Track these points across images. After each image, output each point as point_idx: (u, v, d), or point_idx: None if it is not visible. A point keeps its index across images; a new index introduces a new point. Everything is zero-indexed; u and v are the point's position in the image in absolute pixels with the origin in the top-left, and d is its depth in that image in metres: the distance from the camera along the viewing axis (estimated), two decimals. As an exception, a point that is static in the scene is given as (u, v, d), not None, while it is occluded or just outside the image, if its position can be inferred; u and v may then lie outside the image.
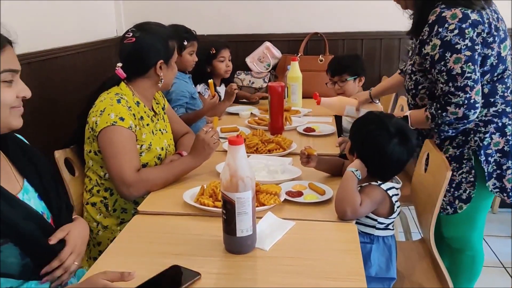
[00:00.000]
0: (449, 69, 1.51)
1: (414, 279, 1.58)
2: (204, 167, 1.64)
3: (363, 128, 1.46)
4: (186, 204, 1.39)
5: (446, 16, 1.51)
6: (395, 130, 1.38)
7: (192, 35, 2.43)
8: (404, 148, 1.39)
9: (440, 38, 1.51)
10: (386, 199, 1.41)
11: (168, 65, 1.71)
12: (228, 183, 1.08)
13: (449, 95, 1.53)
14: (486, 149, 1.60)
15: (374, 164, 1.40)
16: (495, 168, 1.62)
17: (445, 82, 1.53)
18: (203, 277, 1.03)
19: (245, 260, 1.11)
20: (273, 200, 1.37)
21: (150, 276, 1.03)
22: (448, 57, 1.51)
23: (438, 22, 1.52)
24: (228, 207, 1.09)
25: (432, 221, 1.44)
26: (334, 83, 2.50)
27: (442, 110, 1.56)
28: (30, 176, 1.12)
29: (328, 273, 1.05)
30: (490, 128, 1.60)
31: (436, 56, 1.53)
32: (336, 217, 1.32)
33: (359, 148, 1.45)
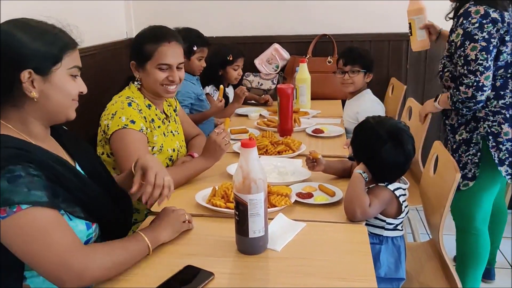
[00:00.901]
0: (466, 54, 1.78)
1: (422, 279, 1.60)
2: (216, 169, 1.67)
3: (358, 135, 1.51)
4: (198, 205, 1.41)
5: (471, 11, 1.78)
6: (387, 136, 1.41)
7: (203, 41, 2.46)
8: (400, 152, 1.41)
9: (463, 28, 1.79)
10: (393, 199, 1.43)
11: (143, 68, 1.69)
12: (240, 185, 1.11)
13: (462, 76, 1.80)
14: (497, 137, 1.85)
15: (373, 169, 1.42)
16: (507, 156, 1.84)
17: (461, 66, 1.80)
18: (216, 277, 1.05)
19: (257, 261, 1.13)
20: (284, 201, 1.39)
21: (165, 275, 1.06)
22: (467, 45, 1.77)
23: (463, 15, 1.80)
24: (241, 208, 1.12)
25: (441, 222, 1.45)
26: (343, 72, 2.44)
27: (456, 89, 1.82)
28: (82, 161, 1.22)
29: (339, 273, 1.07)
30: (498, 117, 1.85)
31: (458, 43, 1.80)
32: (346, 218, 1.34)
33: (357, 154, 1.50)
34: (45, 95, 1.06)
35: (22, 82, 1.02)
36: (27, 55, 1.02)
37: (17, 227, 0.95)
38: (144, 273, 1.08)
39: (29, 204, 0.95)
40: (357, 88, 2.42)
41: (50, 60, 1.05)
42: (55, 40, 1.07)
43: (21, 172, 0.96)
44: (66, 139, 1.21)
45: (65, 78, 1.08)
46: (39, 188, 0.97)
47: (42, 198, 0.97)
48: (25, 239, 0.96)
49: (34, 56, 1.03)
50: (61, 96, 1.08)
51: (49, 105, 1.07)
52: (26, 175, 0.96)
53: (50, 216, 0.98)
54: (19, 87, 1.03)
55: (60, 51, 1.06)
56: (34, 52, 1.03)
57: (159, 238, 1.19)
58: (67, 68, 1.08)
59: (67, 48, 1.08)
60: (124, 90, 1.73)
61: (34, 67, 1.03)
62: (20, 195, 0.94)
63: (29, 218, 0.96)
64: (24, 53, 1.02)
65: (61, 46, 1.07)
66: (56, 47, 1.06)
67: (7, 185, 0.94)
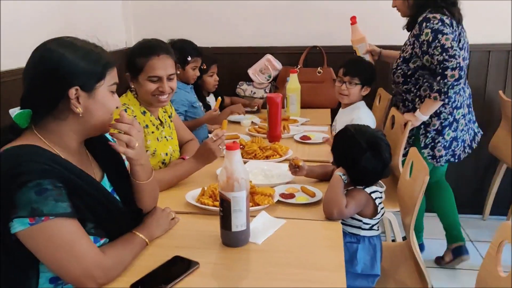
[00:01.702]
0: (442, 44, 2.12)
1: (398, 277, 1.70)
2: (205, 171, 1.78)
3: (340, 143, 1.60)
4: (188, 203, 1.53)
5: (430, 17, 2.18)
6: (367, 145, 1.51)
7: (196, 52, 2.59)
8: (378, 160, 1.51)
9: (430, 28, 2.15)
10: (370, 201, 1.54)
11: (136, 80, 1.79)
12: (225, 184, 1.22)
13: (444, 62, 2.10)
14: (427, 127, 2.33)
15: (353, 174, 1.53)
16: (430, 141, 2.35)
17: (439, 54, 2.12)
18: (201, 266, 1.16)
19: (240, 252, 1.24)
20: (267, 200, 1.50)
21: (156, 265, 1.16)
22: (440, 37, 2.13)
23: (425, 20, 2.18)
24: (225, 205, 1.23)
25: (411, 222, 1.57)
26: (342, 82, 2.41)
27: (442, 78, 2.11)
28: (111, 173, 1.29)
29: (313, 264, 1.18)
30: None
31: (430, 38, 2.15)
32: (324, 216, 1.45)
33: (338, 161, 1.59)
34: (89, 110, 1.13)
35: (70, 98, 1.10)
36: (75, 73, 1.10)
37: (45, 236, 1.02)
38: (136, 264, 1.18)
39: (56, 215, 1.02)
40: (352, 100, 2.41)
41: (95, 78, 1.13)
42: (99, 59, 1.15)
43: (48, 186, 1.02)
44: (99, 150, 1.28)
45: (106, 94, 1.17)
46: (64, 200, 1.04)
47: (67, 209, 1.04)
48: (52, 248, 1.03)
49: (81, 74, 1.11)
50: (103, 111, 1.16)
51: (91, 119, 1.15)
52: (54, 188, 1.03)
53: (74, 226, 1.06)
54: (66, 102, 1.11)
55: (103, 69, 1.15)
56: (81, 70, 1.11)
57: (153, 235, 1.30)
58: (108, 85, 1.17)
59: (109, 66, 1.17)
60: (121, 97, 1.84)
61: (81, 85, 1.11)
62: (48, 206, 1.01)
63: (56, 228, 1.03)
64: (72, 72, 1.10)
65: (104, 64, 1.15)
66: (99, 65, 1.14)
67: (35, 197, 1.00)
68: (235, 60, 3.28)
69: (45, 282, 1.12)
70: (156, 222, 1.33)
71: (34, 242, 1.03)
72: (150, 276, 1.12)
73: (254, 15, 3.23)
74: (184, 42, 2.59)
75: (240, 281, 1.12)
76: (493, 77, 3.07)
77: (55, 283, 1.13)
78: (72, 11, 2.60)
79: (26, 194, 1.00)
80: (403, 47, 2.40)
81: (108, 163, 1.30)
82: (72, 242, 1.05)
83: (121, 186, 1.30)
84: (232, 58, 3.27)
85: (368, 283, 1.60)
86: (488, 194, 3.18)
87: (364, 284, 1.59)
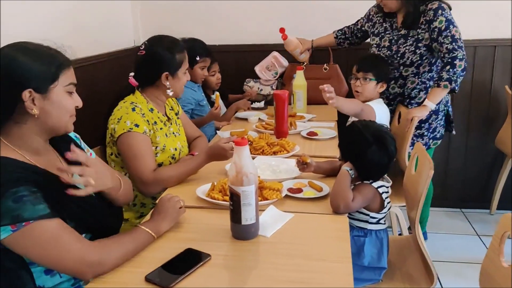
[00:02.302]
0: (452, 34, 2.26)
1: (404, 270, 1.73)
2: (214, 167, 1.83)
3: (347, 138, 1.65)
4: (199, 198, 1.57)
5: (444, 6, 2.32)
6: (373, 139, 1.55)
7: (206, 52, 2.61)
8: (384, 153, 1.55)
9: (444, 16, 2.29)
10: (376, 196, 1.58)
11: (175, 76, 1.86)
12: (234, 178, 1.26)
13: (453, 51, 2.24)
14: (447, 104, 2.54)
15: (359, 168, 1.56)
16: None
17: (449, 43, 2.25)
18: (213, 258, 1.20)
19: (249, 245, 1.29)
20: (275, 195, 1.54)
21: (169, 257, 1.21)
22: (451, 28, 2.27)
23: (440, 8, 2.30)
24: (235, 199, 1.27)
25: (417, 215, 1.59)
26: (356, 78, 2.37)
27: (452, 67, 2.24)
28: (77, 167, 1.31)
29: (321, 255, 1.22)
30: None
31: (443, 27, 2.28)
32: (331, 210, 1.49)
33: (345, 155, 1.63)
34: (45, 111, 1.16)
35: (24, 101, 1.13)
36: (27, 76, 1.13)
37: (30, 239, 1.07)
38: (149, 255, 1.23)
39: (35, 218, 1.07)
40: (367, 97, 2.34)
41: (48, 79, 1.15)
42: (52, 60, 1.17)
43: (24, 192, 1.07)
44: (65, 149, 1.27)
45: (62, 94, 1.19)
46: (41, 203, 1.09)
47: (45, 210, 1.09)
48: (40, 248, 1.08)
49: (33, 77, 1.13)
50: (59, 111, 1.18)
51: (49, 120, 1.18)
52: (29, 194, 1.07)
53: (56, 224, 1.10)
54: (21, 105, 1.13)
55: (57, 70, 1.17)
56: (34, 73, 1.13)
57: (159, 228, 1.31)
58: (63, 86, 1.19)
59: (63, 67, 1.18)
60: (128, 96, 1.88)
61: (34, 87, 1.13)
62: (27, 211, 1.06)
63: (39, 230, 1.08)
64: (25, 75, 1.13)
65: (57, 66, 1.17)
66: (52, 66, 1.16)
67: (13, 205, 1.05)
68: (241, 58, 3.31)
69: (41, 275, 1.18)
70: (163, 214, 1.34)
71: (20, 246, 1.08)
72: (164, 268, 1.16)
73: (260, 12, 3.26)
74: (195, 41, 2.62)
75: (250, 272, 1.16)
76: (499, 72, 3.07)
77: (50, 273, 1.19)
78: (82, 11, 2.64)
79: (4, 204, 1.05)
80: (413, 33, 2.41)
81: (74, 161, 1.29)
82: (58, 239, 1.09)
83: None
84: (239, 55, 3.31)
85: (375, 276, 1.63)
86: (495, 189, 3.19)
87: (371, 276, 1.62)
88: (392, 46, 2.48)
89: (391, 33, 2.50)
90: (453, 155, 3.28)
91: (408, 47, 2.42)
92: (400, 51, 2.45)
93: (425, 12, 2.35)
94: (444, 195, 3.29)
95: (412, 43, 2.41)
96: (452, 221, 3.18)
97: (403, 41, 2.44)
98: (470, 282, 2.39)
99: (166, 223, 1.34)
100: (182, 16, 3.33)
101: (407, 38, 2.43)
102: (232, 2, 3.27)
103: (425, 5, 2.35)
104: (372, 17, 2.66)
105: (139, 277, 1.13)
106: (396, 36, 2.48)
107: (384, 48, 2.51)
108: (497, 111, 3.13)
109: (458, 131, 3.21)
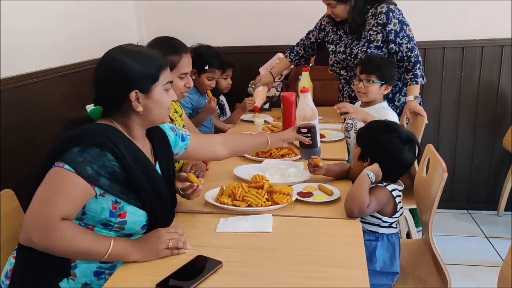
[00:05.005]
0: (407, 34, 2.46)
1: (416, 274, 1.70)
2: (223, 172, 1.82)
3: (378, 137, 1.60)
4: (208, 203, 1.54)
5: (393, 8, 2.47)
6: (406, 138, 1.56)
7: (217, 63, 2.52)
8: (413, 154, 1.58)
9: (396, 18, 2.45)
10: (390, 200, 1.55)
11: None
12: (310, 114, 1.71)
13: (413, 49, 2.45)
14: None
15: (389, 169, 1.55)
16: None
17: (407, 42, 2.46)
18: (224, 265, 1.18)
19: (262, 251, 1.26)
20: (286, 199, 1.51)
21: (178, 264, 1.18)
22: (405, 28, 2.46)
23: (390, 11, 2.45)
24: (312, 130, 1.72)
25: (430, 218, 1.57)
26: (359, 80, 2.30)
27: (420, 64, 2.46)
28: (162, 161, 1.43)
29: (335, 261, 1.19)
30: None
31: (398, 28, 2.45)
32: (342, 214, 1.46)
33: (374, 155, 1.59)
34: (147, 108, 1.29)
35: (131, 100, 1.26)
36: (134, 78, 1.25)
37: (50, 174, 1.16)
38: (161, 263, 1.20)
39: (70, 167, 1.15)
40: (371, 98, 2.28)
41: (150, 80, 1.28)
42: (152, 62, 1.29)
43: (92, 152, 1.17)
44: (156, 141, 1.43)
45: (161, 92, 1.31)
46: (92, 167, 1.16)
47: (84, 171, 1.15)
48: (44, 184, 1.15)
49: (139, 79, 1.26)
50: (160, 107, 1.31)
51: (151, 115, 1.31)
52: (94, 156, 1.17)
53: (75, 186, 1.15)
54: (128, 103, 1.27)
55: (157, 71, 1.29)
56: (139, 75, 1.26)
57: (128, 255, 1.20)
58: (162, 85, 1.30)
59: (162, 68, 1.30)
60: None
61: (139, 88, 1.26)
62: (71, 158, 1.15)
63: (59, 175, 1.15)
64: (132, 77, 1.25)
65: (157, 67, 1.29)
66: (153, 68, 1.28)
67: (76, 151, 1.16)
68: (246, 59, 3.29)
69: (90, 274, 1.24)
70: (142, 245, 1.23)
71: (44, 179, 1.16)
72: (175, 276, 1.13)
73: (265, 14, 3.25)
74: (209, 49, 2.55)
75: (264, 279, 1.13)
76: (506, 72, 3.05)
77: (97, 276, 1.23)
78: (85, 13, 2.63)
79: (72, 150, 1.17)
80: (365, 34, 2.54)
81: (161, 155, 1.43)
82: (58, 190, 1.14)
83: (166, 176, 1.42)
84: (244, 57, 3.29)
85: (388, 281, 1.60)
86: (503, 190, 3.16)
87: (384, 281, 1.59)
88: (346, 49, 2.61)
89: (346, 38, 2.64)
90: (459, 156, 3.25)
91: (360, 48, 2.55)
92: (353, 53, 2.58)
93: (376, 15, 2.49)
94: (451, 196, 3.27)
95: (364, 44, 2.54)
96: (460, 222, 3.15)
97: (356, 43, 2.58)
98: (478, 284, 2.37)
99: (138, 255, 1.21)
100: (186, 17, 3.31)
101: (360, 39, 2.57)
102: (236, 3, 3.25)
103: (374, 8, 2.50)
104: (324, 27, 2.77)
105: (150, 285, 1.10)
106: (350, 40, 2.62)
107: (339, 53, 2.65)
108: (504, 111, 3.10)
109: (464, 132, 3.20)
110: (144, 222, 1.30)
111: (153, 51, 1.33)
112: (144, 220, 1.29)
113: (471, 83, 3.11)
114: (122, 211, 1.25)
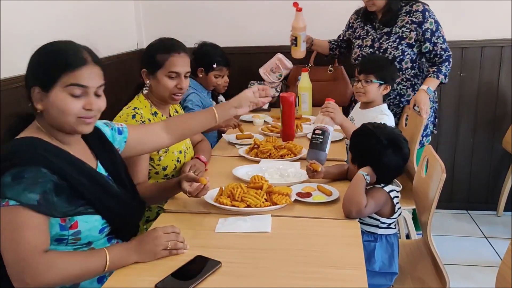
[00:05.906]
0: (442, 35, 2.47)
1: (415, 274, 1.71)
2: (222, 172, 1.81)
3: (360, 141, 1.62)
4: (207, 203, 1.54)
5: (429, 8, 2.48)
6: (388, 141, 1.53)
7: (223, 61, 2.61)
8: (399, 156, 1.54)
9: (432, 18, 2.46)
10: (388, 201, 1.55)
11: (154, 76, 1.81)
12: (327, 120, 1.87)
13: (447, 50, 2.47)
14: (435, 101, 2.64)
15: (377, 173, 1.54)
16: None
17: (442, 42, 2.46)
18: (223, 265, 1.18)
19: (260, 252, 1.26)
20: (285, 200, 1.51)
21: (177, 265, 1.18)
22: (440, 28, 2.47)
23: (426, 10, 2.46)
24: (326, 133, 1.82)
25: (429, 219, 1.57)
26: (358, 80, 2.26)
27: (449, 63, 2.47)
28: (104, 161, 1.35)
29: (334, 262, 1.19)
30: None
31: (434, 28, 2.45)
32: (341, 215, 1.46)
33: (359, 160, 1.61)
34: (46, 109, 1.18)
35: (31, 96, 1.18)
36: (34, 72, 1.19)
37: (2, 219, 1.07)
38: (159, 263, 1.21)
39: (17, 202, 1.07)
40: (370, 99, 2.25)
41: (48, 78, 1.16)
42: (58, 61, 1.17)
43: (27, 174, 1.08)
44: (92, 140, 1.34)
45: (62, 96, 1.16)
46: (35, 191, 1.08)
47: (31, 201, 1.08)
48: (2, 230, 1.07)
49: (39, 74, 1.18)
50: (58, 112, 1.17)
51: (51, 118, 1.19)
52: (31, 178, 1.08)
53: (31, 217, 1.08)
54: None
55: (58, 70, 1.16)
56: (39, 70, 1.18)
57: (127, 259, 1.19)
58: (63, 86, 1.16)
59: (67, 68, 1.17)
60: (133, 100, 1.85)
61: (39, 84, 1.17)
62: (13, 192, 1.07)
63: (11, 214, 1.07)
64: (34, 71, 1.19)
65: (62, 66, 1.17)
66: (56, 66, 1.17)
67: (9, 181, 1.08)
68: (246, 60, 3.29)
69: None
70: (139, 247, 1.21)
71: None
72: (174, 276, 1.14)
73: (264, 14, 3.25)
74: (215, 48, 2.61)
75: (262, 280, 1.13)
76: (506, 72, 3.05)
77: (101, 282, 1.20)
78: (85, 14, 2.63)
79: (6, 180, 1.08)
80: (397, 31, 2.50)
81: (101, 150, 1.36)
82: (20, 230, 1.07)
83: (114, 174, 1.36)
84: (243, 57, 3.29)
85: (386, 281, 1.60)
86: (502, 190, 3.17)
87: (382, 282, 1.60)
88: (375, 44, 2.56)
89: (374, 33, 2.59)
90: (459, 156, 3.25)
91: (391, 43, 2.50)
92: (382, 47, 2.53)
93: (410, 13, 2.47)
94: (450, 196, 3.27)
95: (395, 40, 2.50)
96: (459, 223, 3.16)
97: (386, 38, 2.52)
98: (478, 284, 2.37)
99: (137, 257, 1.20)
100: (185, 18, 3.31)
101: (390, 35, 2.52)
102: (236, 4, 3.25)
103: (409, 6, 2.48)
104: (352, 24, 2.76)
105: (150, 285, 1.10)
106: (379, 35, 2.56)
107: (366, 47, 2.60)
108: (504, 112, 3.11)
109: (464, 132, 3.20)
110: (101, 226, 1.25)
111: (74, 50, 1.21)
112: (99, 224, 1.24)
113: (471, 83, 3.11)
114: (73, 221, 1.18)
